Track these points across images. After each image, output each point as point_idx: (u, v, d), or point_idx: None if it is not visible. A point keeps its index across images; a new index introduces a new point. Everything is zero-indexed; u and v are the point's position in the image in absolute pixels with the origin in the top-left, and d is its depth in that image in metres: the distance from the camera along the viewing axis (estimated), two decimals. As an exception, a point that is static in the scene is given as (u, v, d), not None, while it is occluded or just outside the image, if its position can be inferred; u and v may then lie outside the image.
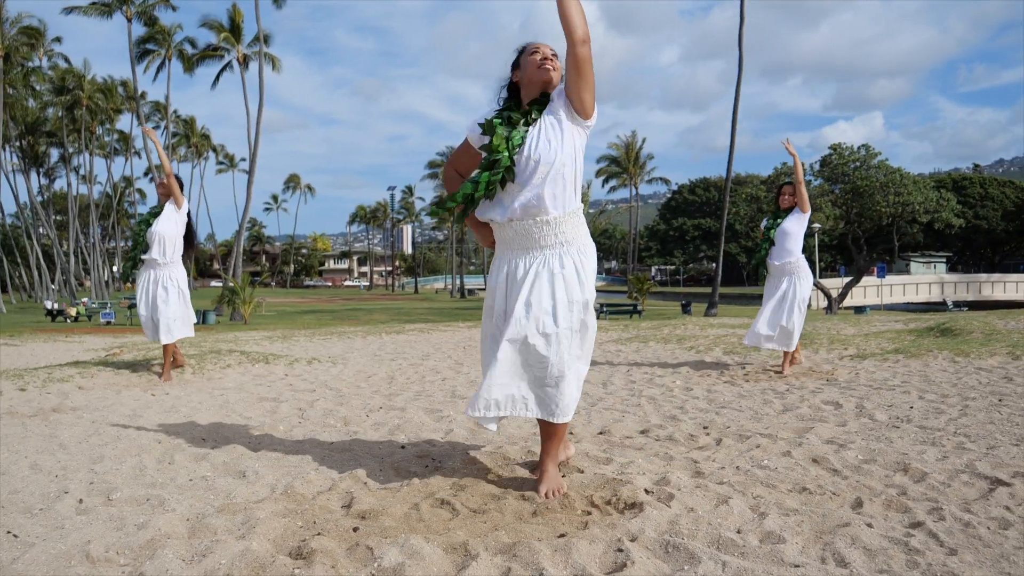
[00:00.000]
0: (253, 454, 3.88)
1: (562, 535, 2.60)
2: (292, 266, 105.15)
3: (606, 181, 63.70)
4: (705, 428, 4.49)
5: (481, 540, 2.54)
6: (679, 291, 75.81)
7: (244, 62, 42.43)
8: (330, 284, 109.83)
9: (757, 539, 2.58)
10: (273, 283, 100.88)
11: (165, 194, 6.49)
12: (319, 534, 2.62)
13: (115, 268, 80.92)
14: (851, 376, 6.60)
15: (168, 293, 6.42)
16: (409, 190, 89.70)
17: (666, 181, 72.34)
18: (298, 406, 5.41)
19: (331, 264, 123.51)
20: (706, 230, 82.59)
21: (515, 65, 3.14)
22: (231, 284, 33.40)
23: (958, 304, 36.17)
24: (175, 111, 66.90)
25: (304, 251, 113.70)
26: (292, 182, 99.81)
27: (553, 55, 3.06)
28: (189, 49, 45.04)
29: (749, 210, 30.71)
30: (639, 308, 33.17)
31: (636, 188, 63.88)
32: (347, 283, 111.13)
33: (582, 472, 3.39)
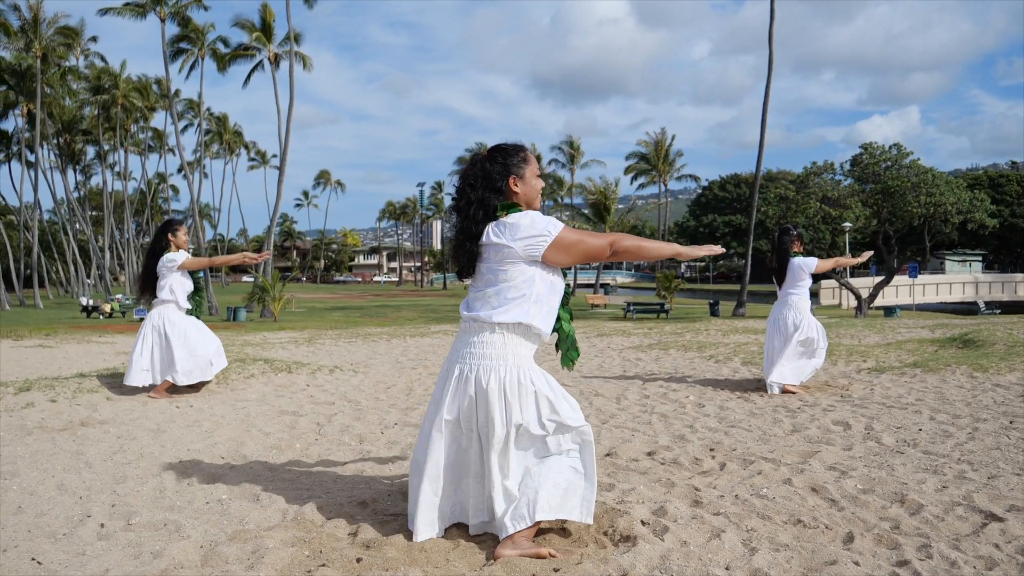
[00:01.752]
0: (268, 474, 4.03)
1: (556, 569, 2.70)
2: (322, 262, 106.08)
3: (635, 178, 63.59)
4: (712, 450, 4.56)
5: (478, 574, 2.65)
6: (708, 288, 75.43)
7: (275, 61, 42.87)
8: (360, 280, 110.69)
9: (744, 576, 2.66)
10: (304, 278, 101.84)
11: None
12: (324, 565, 2.74)
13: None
14: (866, 392, 6.62)
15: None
16: (438, 186, 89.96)
17: (695, 178, 72.04)
18: (316, 420, 5.56)
19: (361, 260, 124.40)
20: (736, 227, 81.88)
21: (516, 172, 2.97)
22: (261, 282, 33.83)
23: (990, 305, 35.60)
24: (208, 108, 67.77)
25: (334, 247, 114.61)
26: (323, 178, 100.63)
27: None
28: (222, 48, 45.55)
29: (779, 210, 30.48)
30: (666, 307, 33.06)
31: (665, 185, 63.69)
32: (376, 279, 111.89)
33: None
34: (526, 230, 2.88)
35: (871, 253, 7.49)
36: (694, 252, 3.14)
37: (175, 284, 6.58)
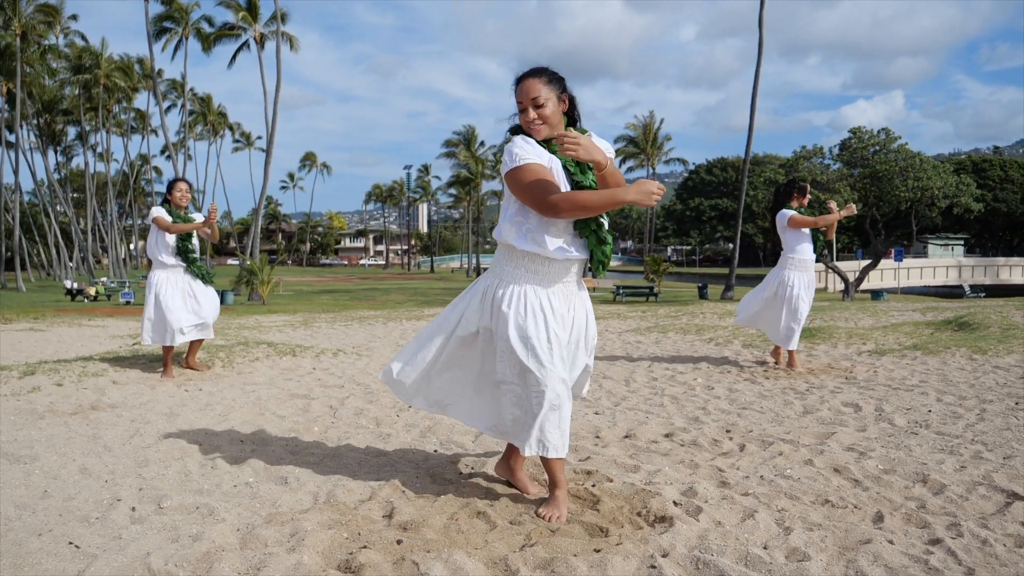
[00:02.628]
0: (291, 457, 4.03)
1: (597, 550, 2.72)
2: (308, 244, 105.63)
3: (623, 161, 63.51)
4: (728, 432, 4.60)
5: (520, 555, 2.66)
6: (695, 272, 75.69)
7: (261, 41, 42.48)
8: (346, 263, 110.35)
9: (783, 555, 2.69)
10: (289, 261, 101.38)
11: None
12: (365, 547, 2.75)
13: (132, 246, 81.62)
14: (870, 375, 6.69)
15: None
16: (425, 169, 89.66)
17: (684, 162, 72.13)
18: (329, 404, 5.56)
19: (347, 242, 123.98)
20: (723, 210, 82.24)
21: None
22: (248, 264, 33.67)
23: (975, 289, 35.98)
24: (192, 89, 67.07)
25: (320, 229, 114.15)
26: (308, 160, 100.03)
27: (537, 105, 2.92)
28: (206, 28, 45.10)
29: (768, 194, 30.61)
30: (655, 291, 33.19)
31: (653, 168, 63.72)
32: (362, 262, 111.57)
33: (611, 481, 3.52)
34: (505, 154, 2.94)
35: (854, 208, 7.14)
36: (636, 190, 2.72)
37: (154, 240, 6.65)
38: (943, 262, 48.81)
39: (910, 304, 18.28)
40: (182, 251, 6.67)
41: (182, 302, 6.62)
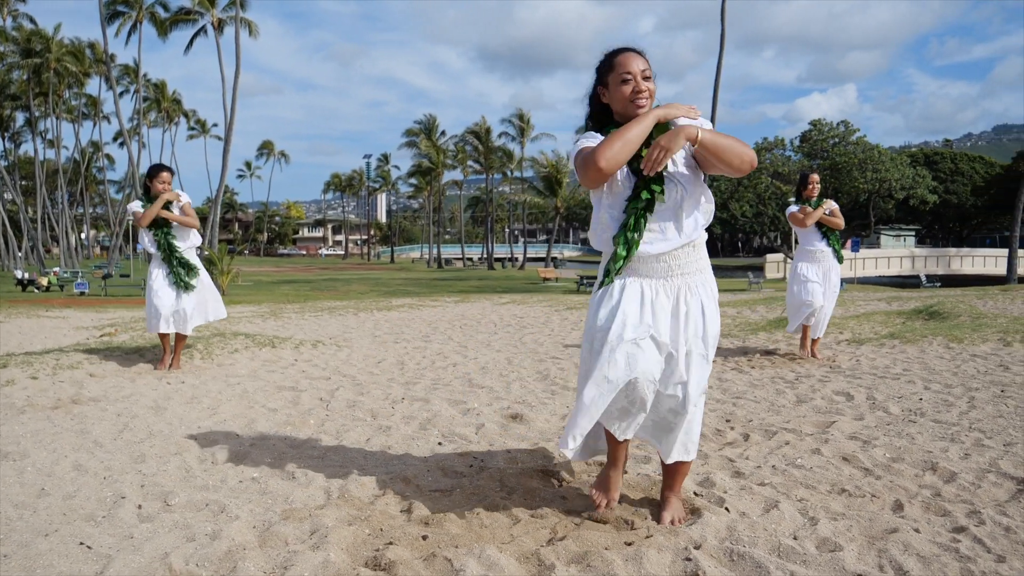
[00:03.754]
0: (293, 452, 3.93)
1: (628, 543, 2.68)
2: (265, 234, 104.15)
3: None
4: (728, 421, 4.61)
5: (551, 549, 2.62)
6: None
7: (219, 27, 41.65)
8: (304, 253, 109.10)
9: (814, 545, 2.68)
10: (246, 251, 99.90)
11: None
12: (391, 543, 2.68)
13: (83, 235, 79.72)
14: (853, 363, 6.76)
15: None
16: (385, 158, 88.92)
17: (644, 152, 72.16)
18: (319, 396, 5.45)
19: (305, 232, 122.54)
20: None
21: (601, 81, 2.78)
22: (207, 254, 33.07)
23: (931, 279, 36.78)
24: (146, 75, 65.55)
25: (277, 219, 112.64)
26: (266, 148, 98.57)
27: (645, 78, 2.70)
28: (161, 12, 44.06)
29: (730, 185, 30.90)
30: (618, 281, 33.34)
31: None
32: (321, 252, 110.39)
33: (626, 473, 3.48)
34: (573, 159, 2.76)
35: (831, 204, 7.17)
36: (673, 112, 2.60)
37: (141, 232, 6.52)
38: (897, 253, 49.79)
39: (872, 294, 18.57)
40: (162, 244, 6.47)
41: (172, 290, 6.45)
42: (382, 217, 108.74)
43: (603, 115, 2.84)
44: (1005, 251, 43.99)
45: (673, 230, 2.72)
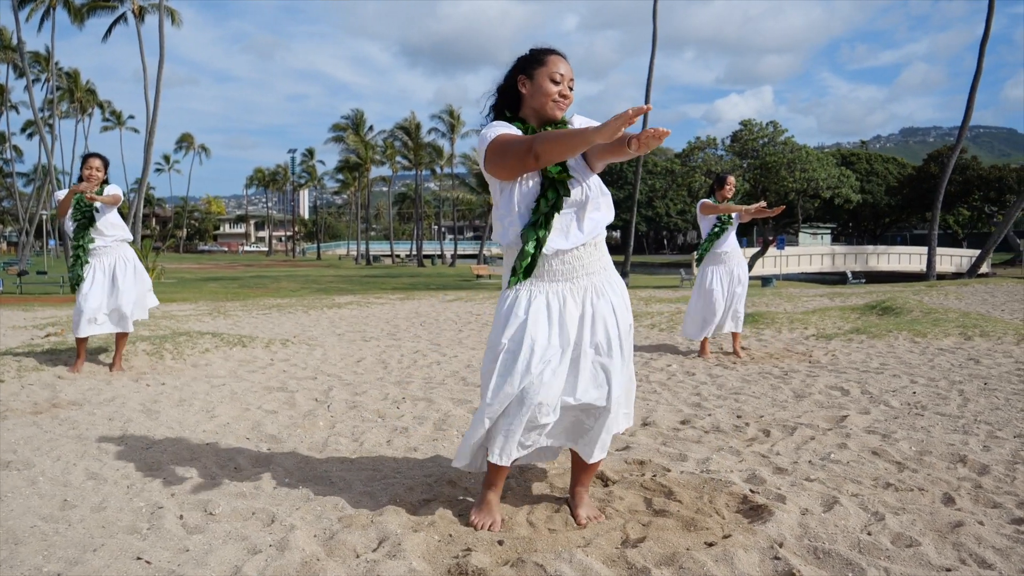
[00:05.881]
0: (316, 455, 3.78)
1: (710, 543, 2.65)
2: (185, 230, 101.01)
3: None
4: (739, 417, 4.62)
5: (637, 552, 2.56)
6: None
7: (140, 15, 40.14)
8: (226, 249, 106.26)
9: (889, 541, 2.69)
10: (164, 248, 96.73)
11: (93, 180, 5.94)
12: (469, 550, 2.58)
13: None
14: (830, 359, 6.90)
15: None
16: (310, 153, 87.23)
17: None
18: (313, 397, 5.26)
19: (226, 228, 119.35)
20: (612, 198, 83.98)
21: (524, 71, 2.76)
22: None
23: (856, 276, 38.13)
24: (57, 63, 62.73)
25: (197, 214, 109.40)
26: (185, 142, 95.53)
27: (571, 86, 2.75)
28: (77, -1, 42.21)
29: (664, 183, 31.38)
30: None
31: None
32: (243, 248, 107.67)
33: (669, 471, 3.45)
34: (479, 142, 2.69)
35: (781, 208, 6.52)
36: (612, 125, 2.22)
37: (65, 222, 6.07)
38: (818, 250, 51.39)
39: (809, 290, 19.11)
40: (76, 233, 6.01)
41: (102, 288, 6.03)
42: (304, 213, 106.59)
43: (513, 106, 2.80)
44: (922, 249, 45.91)
45: (575, 229, 2.72)
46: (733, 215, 7.08)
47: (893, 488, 3.26)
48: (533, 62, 2.75)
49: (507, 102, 2.81)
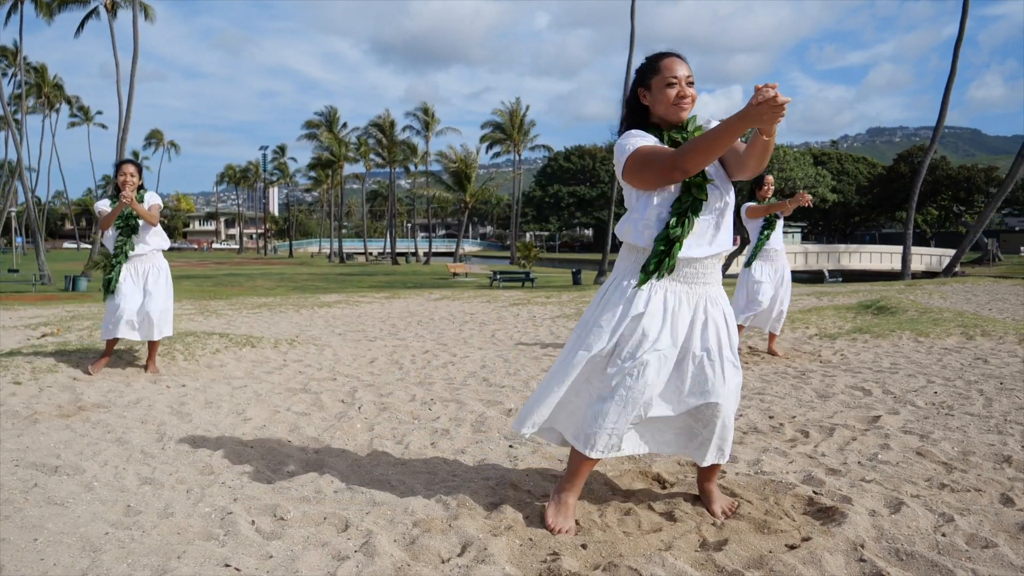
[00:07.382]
0: (367, 458, 3.75)
1: (792, 546, 2.66)
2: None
3: (490, 147, 63.58)
4: (771, 417, 4.66)
5: (723, 555, 2.57)
6: (555, 257, 77.18)
7: (112, 9, 39.54)
8: (196, 247, 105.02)
9: (963, 542, 2.72)
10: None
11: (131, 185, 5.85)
12: (556, 554, 2.57)
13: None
14: (840, 358, 6.98)
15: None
16: (281, 150, 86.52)
17: (549, 148, 72.99)
18: (339, 398, 5.22)
19: (196, 225, 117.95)
20: (581, 197, 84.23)
21: (643, 83, 2.81)
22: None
23: (833, 275, 38.63)
24: (25, 57, 61.53)
25: (166, 211, 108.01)
26: (154, 138, 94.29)
27: (689, 83, 2.76)
28: (46, -8, 41.41)
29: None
30: (532, 276, 33.56)
31: (519, 155, 64.20)
32: (214, 245, 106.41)
33: (725, 473, 3.47)
34: (617, 151, 2.76)
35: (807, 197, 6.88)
36: (752, 108, 2.28)
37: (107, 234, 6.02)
38: (792, 249, 51.98)
39: (794, 289, 19.30)
40: (119, 240, 5.97)
41: (134, 294, 5.96)
42: (275, 210, 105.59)
43: (642, 117, 2.86)
44: (893, 247, 46.55)
45: (711, 237, 2.79)
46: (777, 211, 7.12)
47: (949, 489, 3.30)
48: (648, 72, 2.79)
49: (636, 116, 2.86)
